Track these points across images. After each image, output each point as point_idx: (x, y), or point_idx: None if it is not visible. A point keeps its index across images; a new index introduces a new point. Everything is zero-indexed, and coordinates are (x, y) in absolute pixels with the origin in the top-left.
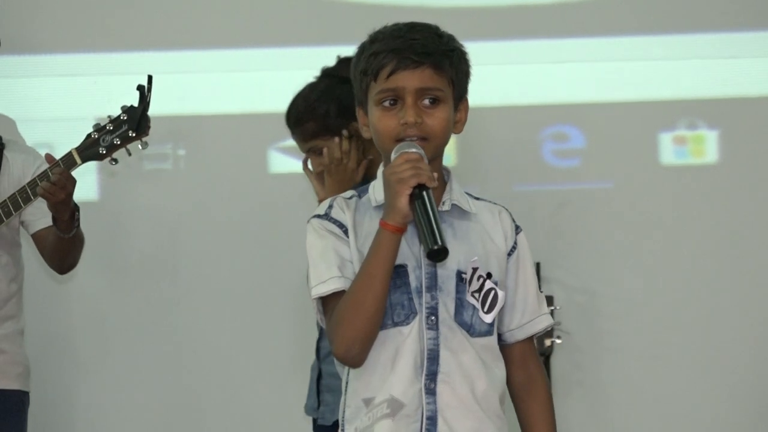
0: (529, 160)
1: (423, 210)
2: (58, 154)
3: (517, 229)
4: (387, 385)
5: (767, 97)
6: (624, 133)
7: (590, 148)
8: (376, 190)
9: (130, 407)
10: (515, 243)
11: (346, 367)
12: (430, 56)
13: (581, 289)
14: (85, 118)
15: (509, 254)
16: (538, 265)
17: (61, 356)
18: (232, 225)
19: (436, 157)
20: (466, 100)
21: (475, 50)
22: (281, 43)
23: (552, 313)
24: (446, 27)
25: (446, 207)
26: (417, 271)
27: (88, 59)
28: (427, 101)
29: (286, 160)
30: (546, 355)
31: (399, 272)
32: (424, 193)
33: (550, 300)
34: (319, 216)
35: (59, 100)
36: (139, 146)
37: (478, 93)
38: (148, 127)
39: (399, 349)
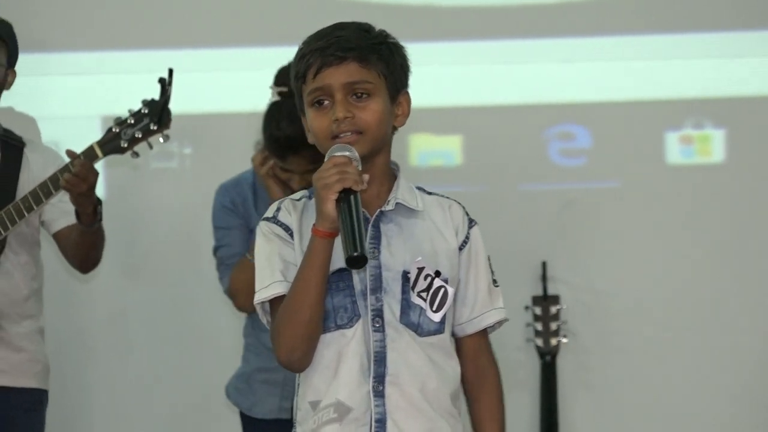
0: (536, 159)
1: (347, 215)
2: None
3: (471, 223)
4: (332, 388)
5: None
6: (630, 132)
7: (596, 148)
8: None
9: (147, 406)
10: (467, 237)
11: None
12: (354, 50)
13: (587, 288)
14: (91, 116)
15: (461, 248)
16: (544, 264)
17: (78, 355)
18: None
19: (375, 154)
20: (407, 93)
21: (481, 49)
22: (287, 41)
23: (558, 312)
24: (452, 27)
25: (390, 206)
26: (361, 274)
27: (94, 58)
28: (356, 95)
29: None
30: (552, 355)
31: (343, 275)
32: (351, 197)
33: (556, 299)
34: (267, 219)
35: (65, 98)
36: (161, 140)
37: (484, 92)
38: (170, 120)
39: (342, 352)
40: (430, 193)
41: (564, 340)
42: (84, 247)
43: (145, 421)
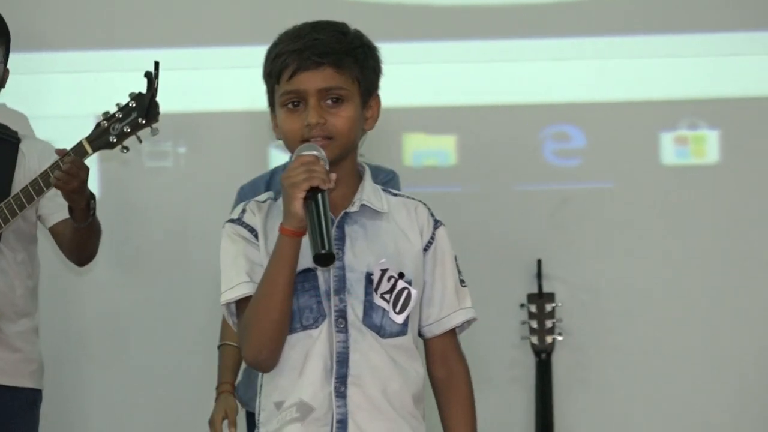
0: (530, 159)
1: (314, 214)
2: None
3: (436, 224)
4: (297, 388)
5: None
6: (625, 132)
7: (591, 148)
8: None
9: (142, 404)
10: (432, 237)
11: None
12: (331, 56)
13: (582, 287)
14: (87, 115)
15: (425, 249)
16: (539, 263)
17: (72, 353)
18: None
19: (344, 157)
20: (377, 96)
21: (476, 49)
22: None
23: (553, 310)
24: (447, 26)
25: (355, 208)
26: (326, 274)
27: (90, 56)
28: (330, 101)
29: (287, 158)
30: (547, 353)
31: (308, 276)
32: (319, 195)
33: (551, 297)
34: (232, 220)
35: (61, 97)
36: (150, 133)
37: (479, 92)
38: (158, 114)
39: (309, 353)
40: (396, 195)
41: (559, 338)
42: (79, 241)
43: (139, 419)
